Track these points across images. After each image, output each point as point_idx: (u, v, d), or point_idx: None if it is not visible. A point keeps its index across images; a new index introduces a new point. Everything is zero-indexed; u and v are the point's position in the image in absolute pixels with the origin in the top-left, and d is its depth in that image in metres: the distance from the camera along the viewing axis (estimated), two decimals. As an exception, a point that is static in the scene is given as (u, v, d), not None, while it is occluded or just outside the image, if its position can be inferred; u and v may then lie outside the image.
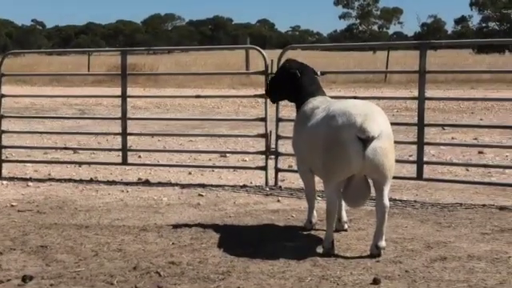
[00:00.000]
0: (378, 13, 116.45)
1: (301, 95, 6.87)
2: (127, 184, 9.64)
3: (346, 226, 6.85)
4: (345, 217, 6.88)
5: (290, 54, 9.61)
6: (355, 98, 8.22)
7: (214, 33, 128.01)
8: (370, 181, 6.08)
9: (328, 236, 6.05)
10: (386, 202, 5.97)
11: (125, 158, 10.22)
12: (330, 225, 6.08)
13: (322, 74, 7.46)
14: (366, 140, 5.74)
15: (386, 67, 31.83)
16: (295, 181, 9.57)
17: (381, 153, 5.82)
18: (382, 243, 5.92)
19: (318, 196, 7.62)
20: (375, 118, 5.89)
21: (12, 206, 8.26)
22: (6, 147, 10.88)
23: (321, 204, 7.42)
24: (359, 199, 6.23)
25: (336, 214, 6.21)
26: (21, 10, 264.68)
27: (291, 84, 6.91)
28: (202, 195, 8.78)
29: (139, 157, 11.65)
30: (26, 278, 5.37)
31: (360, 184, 6.06)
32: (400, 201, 8.37)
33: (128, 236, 6.73)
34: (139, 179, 9.98)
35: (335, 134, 5.87)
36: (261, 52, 9.63)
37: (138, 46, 68.19)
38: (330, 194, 6.08)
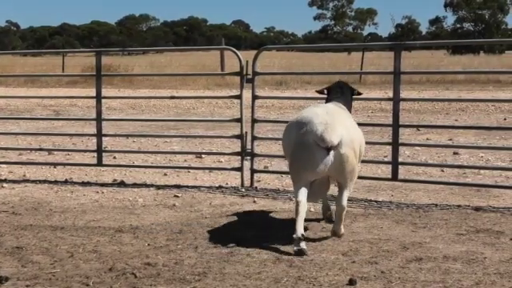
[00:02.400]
0: (353, 14, 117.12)
1: None
2: (102, 185, 9.60)
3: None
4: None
5: (265, 55, 9.62)
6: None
7: (189, 34, 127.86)
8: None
9: (297, 234, 6.10)
10: (344, 203, 6.45)
11: (100, 159, 10.18)
12: (299, 224, 6.17)
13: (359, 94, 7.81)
14: (326, 148, 6.19)
15: (361, 68, 31.97)
16: (271, 182, 9.60)
17: (341, 159, 6.26)
18: (341, 232, 6.54)
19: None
20: (335, 128, 6.28)
21: (-14, 207, 8.20)
22: (-21, 148, 10.80)
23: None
24: (317, 196, 6.85)
25: (304, 213, 6.30)
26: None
27: None
28: (177, 196, 8.76)
29: (114, 158, 11.61)
30: (1, 279, 5.34)
31: (321, 183, 6.58)
32: (375, 201, 8.39)
33: (103, 237, 6.70)
34: (114, 180, 9.94)
35: (302, 140, 6.32)
36: (236, 53, 9.63)
37: (113, 47, 68.13)
38: (297, 191, 6.36)
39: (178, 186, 9.40)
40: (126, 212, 7.91)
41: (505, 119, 17.31)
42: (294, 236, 6.08)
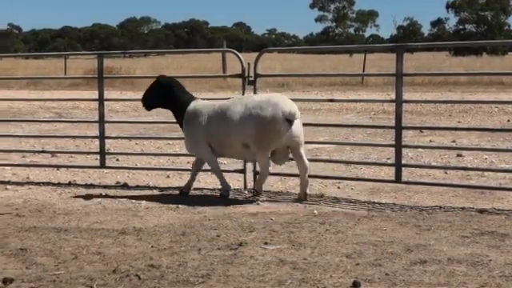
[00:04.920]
0: (354, 16, 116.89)
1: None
2: (106, 187, 9.61)
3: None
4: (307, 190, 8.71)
5: (267, 57, 9.63)
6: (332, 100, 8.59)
7: (190, 36, 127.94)
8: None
9: (260, 186, 8.82)
10: (307, 162, 8.56)
11: (103, 161, 10.19)
12: (262, 183, 8.77)
13: None
14: (291, 120, 8.25)
15: (363, 70, 31.96)
16: (274, 184, 9.58)
17: (299, 128, 8.41)
18: (307, 191, 8.63)
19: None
20: (294, 105, 8.46)
21: (-10, 209, 8.20)
22: (-18, 151, 10.81)
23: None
24: (282, 160, 8.79)
25: (267, 176, 8.70)
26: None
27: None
28: (180, 198, 8.75)
29: (117, 160, 11.61)
30: (6, 281, 5.34)
31: (283, 151, 8.57)
32: (379, 204, 8.39)
33: (107, 239, 6.70)
34: (117, 182, 9.94)
35: (271, 117, 8.24)
36: (237, 55, 9.63)
37: (115, 50, 68.13)
38: (266, 161, 8.48)
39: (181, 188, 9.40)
40: (130, 214, 7.91)
41: (508, 121, 17.28)
42: (257, 185, 8.83)
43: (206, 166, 9.39)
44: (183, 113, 8.98)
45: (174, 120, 9.26)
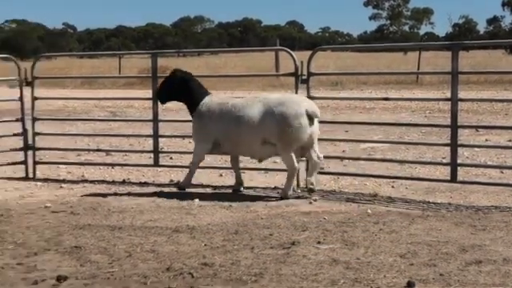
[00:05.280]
0: (409, 13, 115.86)
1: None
2: (159, 185, 9.67)
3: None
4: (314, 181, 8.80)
5: (320, 56, 9.59)
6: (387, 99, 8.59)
7: (244, 35, 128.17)
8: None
9: (288, 188, 8.72)
10: (318, 159, 8.74)
11: (156, 159, 10.27)
12: (291, 184, 8.75)
13: None
14: (313, 119, 8.50)
15: (418, 68, 31.64)
16: (327, 183, 9.55)
17: (317, 126, 8.68)
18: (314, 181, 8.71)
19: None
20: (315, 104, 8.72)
21: (46, 207, 8.31)
22: (39, 149, 10.97)
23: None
24: (296, 157, 8.69)
25: (295, 174, 8.83)
26: (52, 14, 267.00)
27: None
28: (233, 197, 8.78)
29: (171, 158, 11.68)
30: (60, 278, 5.40)
31: (297, 149, 8.66)
32: (434, 203, 8.30)
33: (161, 237, 6.74)
34: (171, 181, 10.00)
35: (296, 115, 8.43)
36: (291, 54, 9.61)
37: (168, 49, 68.49)
38: (292, 159, 8.57)
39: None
40: (183, 212, 7.94)
41: None
42: (285, 190, 8.71)
43: (259, 165, 9.41)
44: (196, 106, 9.11)
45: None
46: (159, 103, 9.79)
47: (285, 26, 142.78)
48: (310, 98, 9.40)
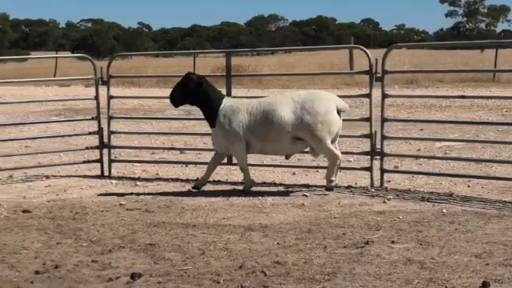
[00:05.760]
0: (485, 11, 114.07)
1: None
2: (232, 184, 9.71)
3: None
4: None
5: (395, 53, 9.49)
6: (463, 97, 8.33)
7: (318, 33, 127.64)
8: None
9: (331, 176, 8.89)
10: (340, 153, 8.90)
11: (229, 158, 10.29)
12: (334, 173, 8.90)
13: None
14: (340, 114, 8.82)
15: (495, 66, 31.07)
16: (401, 182, 9.45)
17: (341, 121, 8.91)
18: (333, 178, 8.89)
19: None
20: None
21: (121, 204, 8.44)
22: (115, 147, 11.14)
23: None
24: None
25: (336, 164, 8.89)
26: (128, 13, 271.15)
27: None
28: (306, 195, 8.76)
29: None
30: (134, 276, 5.47)
31: None
32: (510, 203, 8.13)
33: (234, 235, 6.78)
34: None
35: (328, 110, 8.66)
36: (365, 51, 9.52)
37: (242, 48, 68.78)
38: (331, 150, 8.74)
39: (306, 186, 9.41)
40: (256, 210, 7.96)
41: None
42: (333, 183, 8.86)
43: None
44: (216, 110, 9.11)
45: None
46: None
47: (359, 23, 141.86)
48: (385, 96, 9.33)
